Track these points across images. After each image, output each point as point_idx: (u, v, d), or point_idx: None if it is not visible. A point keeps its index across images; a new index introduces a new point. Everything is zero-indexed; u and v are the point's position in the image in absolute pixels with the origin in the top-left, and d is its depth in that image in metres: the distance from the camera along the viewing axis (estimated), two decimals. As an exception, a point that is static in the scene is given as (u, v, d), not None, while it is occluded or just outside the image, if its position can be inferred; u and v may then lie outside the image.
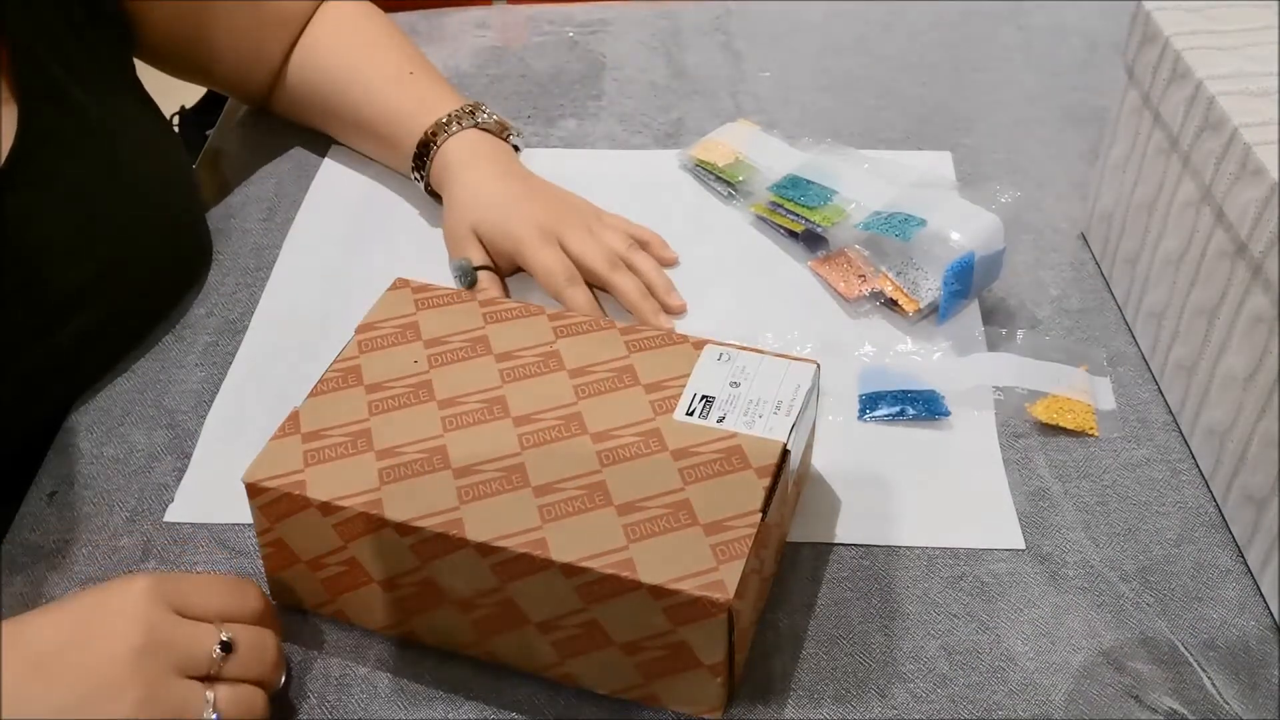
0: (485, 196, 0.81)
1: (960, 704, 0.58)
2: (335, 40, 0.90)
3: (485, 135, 0.84)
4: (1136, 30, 0.73)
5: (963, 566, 0.64)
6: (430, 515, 0.54)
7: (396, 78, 0.87)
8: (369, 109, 0.87)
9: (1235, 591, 0.62)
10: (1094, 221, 0.82)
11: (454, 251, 0.81)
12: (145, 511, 0.67)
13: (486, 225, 0.80)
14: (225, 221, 0.88)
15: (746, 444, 0.58)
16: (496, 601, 0.55)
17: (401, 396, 0.61)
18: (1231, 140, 0.62)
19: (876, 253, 0.79)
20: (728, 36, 1.07)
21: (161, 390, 0.75)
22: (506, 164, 0.84)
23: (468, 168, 0.82)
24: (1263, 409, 0.60)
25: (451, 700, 0.58)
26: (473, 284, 0.79)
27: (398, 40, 0.91)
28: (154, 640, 0.51)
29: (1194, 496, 0.67)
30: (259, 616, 0.56)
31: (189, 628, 0.53)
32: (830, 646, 0.60)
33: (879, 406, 0.71)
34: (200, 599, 0.54)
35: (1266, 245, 0.59)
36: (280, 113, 0.95)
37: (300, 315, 0.80)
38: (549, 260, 0.78)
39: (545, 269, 0.78)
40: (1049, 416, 0.70)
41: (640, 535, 0.53)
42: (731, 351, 0.63)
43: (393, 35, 0.91)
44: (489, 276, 0.79)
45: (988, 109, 0.97)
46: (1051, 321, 0.78)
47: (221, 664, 0.53)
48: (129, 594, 0.52)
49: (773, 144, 0.90)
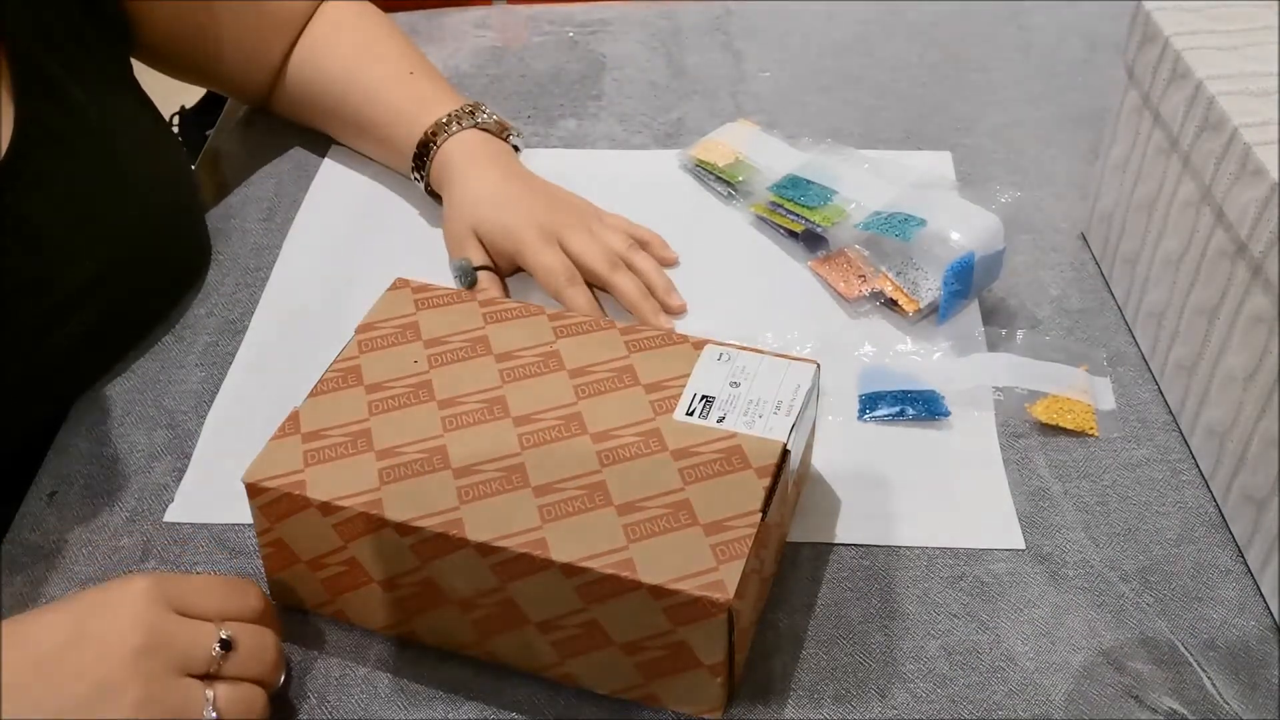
0: (486, 197, 0.81)
1: (960, 704, 0.58)
2: (335, 41, 0.90)
3: (485, 135, 0.84)
4: (1136, 30, 0.73)
5: (963, 566, 0.64)
6: (430, 515, 0.54)
7: (396, 78, 0.87)
8: (369, 109, 0.87)
9: (1235, 591, 0.62)
10: (1094, 221, 0.82)
11: (454, 251, 0.81)
12: (145, 511, 0.67)
13: (487, 225, 0.80)
14: (225, 221, 0.88)
15: (746, 444, 0.58)
16: (496, 601, 0.55)
17: (401, 396, 0.61)
18: (1231, 140, 0.62)
19: (876, 253, 0.79)
20: (728, 36, 1.07)
21: (161, 390, 0.75)
22: (506, 164, 0.84)
23: (468, 168, 0.82)
24: (1263, 409, 0.60)
25: (451, 700, 0.58)
26: (473, 284, 0.79)
27: (397, 40, 0.91)
28: (153, 640, 0.51)
29: (1194, 496, 0.67)
30: (259, 616, 0.56)
31: (188, 627, 0.53)
32: (830, 646, 0.60)
33: (879, 406, 0.71)
34: (200, 599, 0.54)
35: (1266, 245, 0.59)
36: (280, 113, 0.95)
37: (300, 315, 0.80)
38: (549, 260, 0.78)
39: (545, 269, 0.78)
40: (1049, 416, 0.70)
41: (640, 535, 0.53)
42: (731, 351, 0.63)
43: (393, 35, 0.91)
44: (489, 276, 0.79)
45: (988, 109, 0.97)
46: (1051, 321, 0.78)
47: (221, 662, 0.53)
48: (128, 594, 0.52)
49: (773, 144, 0.90)
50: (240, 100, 0.98)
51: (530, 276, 0.80)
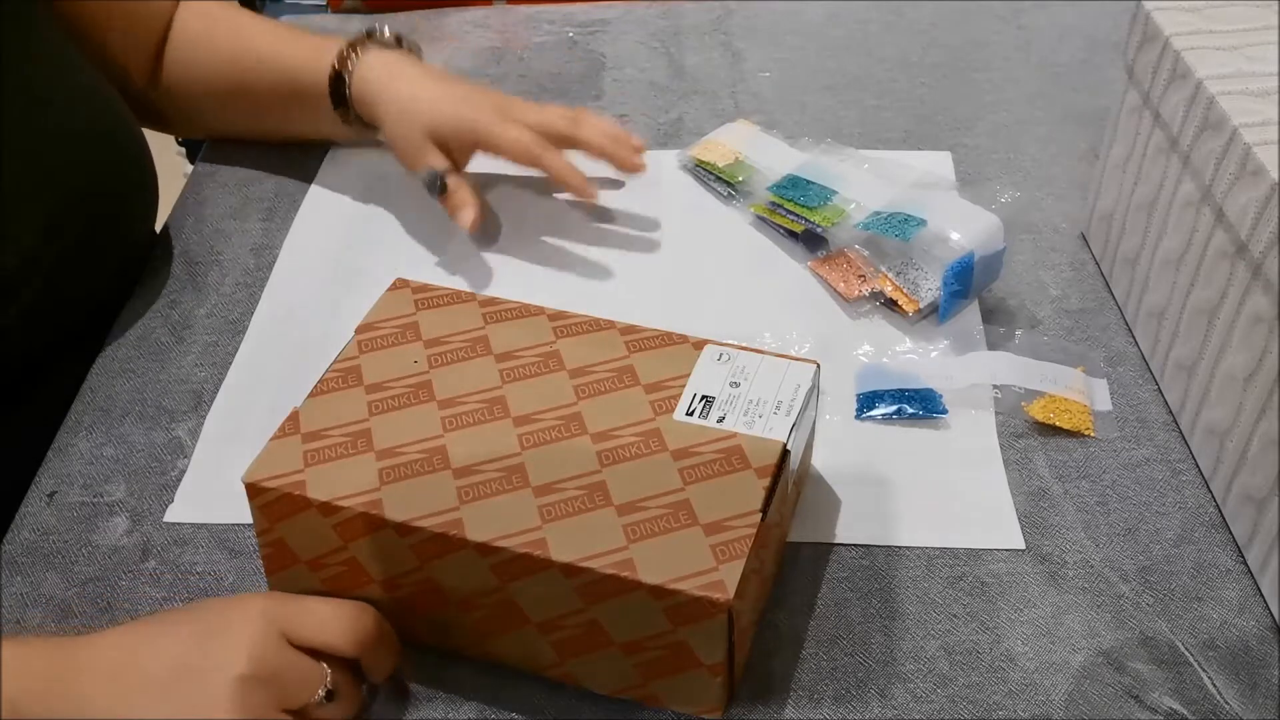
0: (427, 98, 0.82)
1: (960, 704, 0.58)
2: (208, 29, 0.89)
3: (393, 50, 0.85)
4: (1136, 30, 0.73)
5: (963, 566, 0.64)
6: (430, 515, 0.54)
7: (282, 40, 0.87)
8: (268, 75, 0.87)
9: (1235, 591, 0.62)
10: (1094, 221, 0.82)
11: (410, 162, 0.82)
12: (145, 511, 0.67)
13: (442, 121, 0.81)
14: (225, 221, 0.88)
15: (746, 444, 0.58)
16: (496, 601, 0.55)
17: (401, 397, 0.61)
18: (1231, 140, 0.62)
19: (876, 253, 0.79)
20: (728, 36, 1.07)
21: (161, 390, 0.75)
22: (429, 68, 0.85)
23: (394, 81, 0.83)
24: (1263, 409, 0.60)
25: (451, 700, 0.58)
26: (445, 189, 0.81)
27: (261, 17, 0.91)
28: (260, 672, 0.52)
29: (1194, 496, 0.67)
30: (376, 642, 0.56)
31: (298, 667, 0.54)
32: (830, 646, 0.60)
33: (877, 405, 0.71)
34: (315, 627, 0.55)
35: (1266, 245, 0.59)
36: (167, 120, 0.92)
37: (300, 315, 0.80)
38: (517, 133, 0.80)
39: (516, 141, 0.80)
40: (1045, 416, 0.70)
41: (640, 535, 0.53)
42: (731, 351, 0.63)
43: (255, 14, 0.91)
44: (456, 178, 0.81)
45: (988, 109, 0.97)
46: (1051, 321, 0.78)
47: (319, 708, 0.54)
48: (247, 616, 0.54)
49: (773, 144, 0.90)
50: (135, 112, 0.89)
51: (513, 258, 0.82)
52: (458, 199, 0.81)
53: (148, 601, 0.63)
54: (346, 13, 1.13)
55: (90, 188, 0.76)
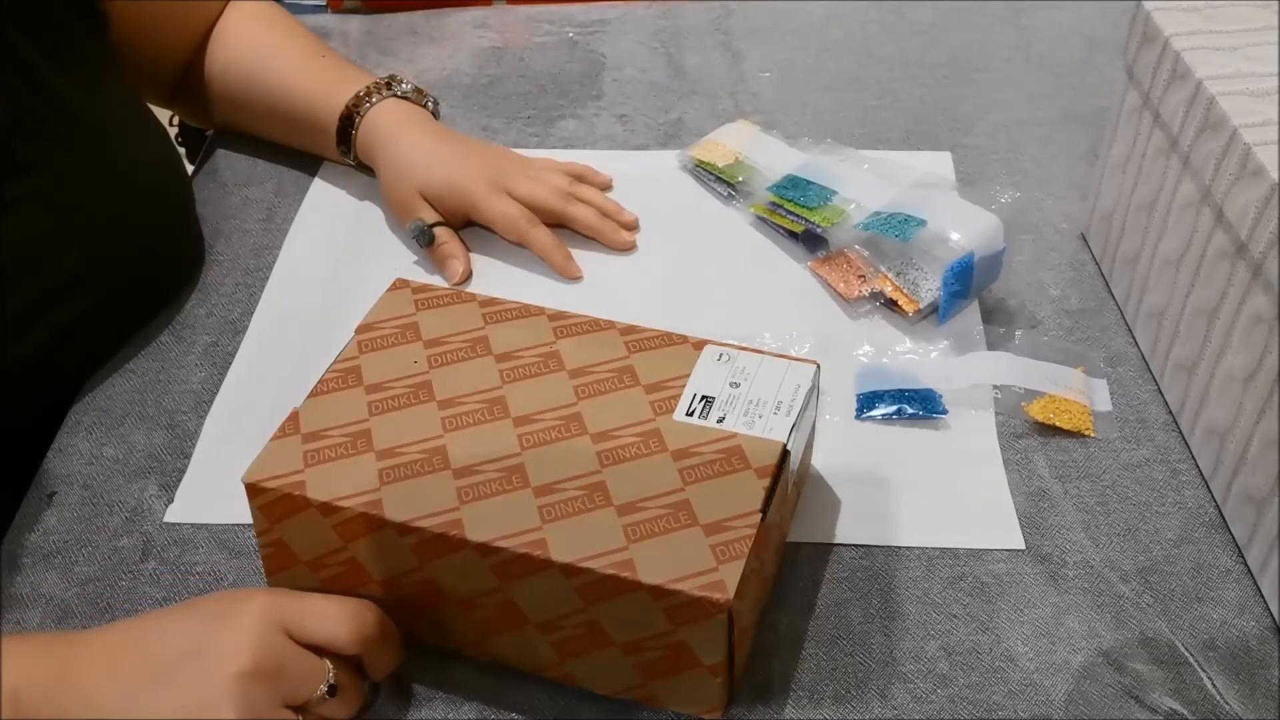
0: (423, 159, 0.83)
1: (960, 704, 0.58)
2: (246, 34, 0.90)
3: (406, 103, 0.86)
4: (1136, 30, 0.73)
5: (963, 567, 0.64)
6: (430, 515, 0.54)
7: (309, 63, 0.89)
8: (287, 94, 0.88)
9: (1235, 592, 0.62)
10: (1094, 221, 0.82)
11: (401, 216, 0.83)
12: (145, 511, 0.67)
13: (434, 184, 0.82)
14: (225, 222, 0.88)
15: (746, 444, 0.58)
16: (496, 602, 0.55)
17: (401, 397, 0.61)
18: (1231, 140, 0.62)
19: (876, 253, 0.79)
20: (728, 36, 1.07)
21: (161, 390, 0.75)
22: (433, 127, 0.86)
23: (398, 134, 0.84)
24: (1263, 409, 0.60)
25: (451, 700, 0.58)
26: (432, 241, 0.81)
27: (304, 31, 0.92)
28: (262, 667, 0.52)
29: (1194, 497, 0.67)
30: (378, 638, 0.56)
31: (300, 661, 0.54)
32: (830, 646, 0.60)
33: (876, 405, 0.71)
34: (316, 623, 0.55)
35: (1266, 245, 0.59)
36: (190, 113, 0.95)
37: (300, 315, 0.80)
38: (505, 207, 0.81)
39: (504, 216, 0.81)
40: (1045, 416, 0.70)
41: (640, 535, 0.53)
42: (731, 352, 0.63)
43: (298, 27, 0.92)
44: (446, 230, 0.82)
45: (988, 109, 0.97)
46: (1051, 322, 0.78)
47: (320, 703, 0.54)
48: (247, 610, 0.54)
49: (773, 144, 0.90)
50: (148, 97, 0.92)
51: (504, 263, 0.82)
52: (445, 250, 0.81)
53: (148, 602, 0.63)
54: (346, 13, 1.13)
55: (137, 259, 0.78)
